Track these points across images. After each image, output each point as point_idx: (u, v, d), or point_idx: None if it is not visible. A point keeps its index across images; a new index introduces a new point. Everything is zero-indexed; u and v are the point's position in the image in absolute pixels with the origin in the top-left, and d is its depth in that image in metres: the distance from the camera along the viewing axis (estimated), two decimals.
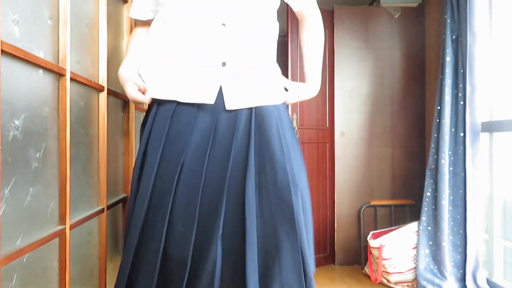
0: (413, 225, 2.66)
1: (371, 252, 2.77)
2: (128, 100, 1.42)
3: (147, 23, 1.20)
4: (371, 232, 2.85)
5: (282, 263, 0.92)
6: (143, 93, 1.08)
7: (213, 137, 0.99)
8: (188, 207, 0.95)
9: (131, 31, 1.43)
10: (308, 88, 1.24)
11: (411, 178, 3.14)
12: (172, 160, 0.97)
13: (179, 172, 0.96)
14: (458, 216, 2.41)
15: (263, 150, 0.99)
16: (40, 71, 0.83)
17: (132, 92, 1.09)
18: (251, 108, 1.03)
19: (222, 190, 0.95)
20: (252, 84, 1.05)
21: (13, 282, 0.72)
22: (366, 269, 2.90)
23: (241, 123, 1.01)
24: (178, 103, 1.02)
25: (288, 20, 2.85)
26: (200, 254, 0.94)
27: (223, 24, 1.01)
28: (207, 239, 0.94)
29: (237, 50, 1.04)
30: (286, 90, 1.19)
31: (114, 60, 1.34)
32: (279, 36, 1.19)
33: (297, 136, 1.13)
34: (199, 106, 1.01)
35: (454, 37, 2.45)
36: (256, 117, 1.02)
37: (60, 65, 0.91)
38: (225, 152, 0.98)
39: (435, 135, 2.55)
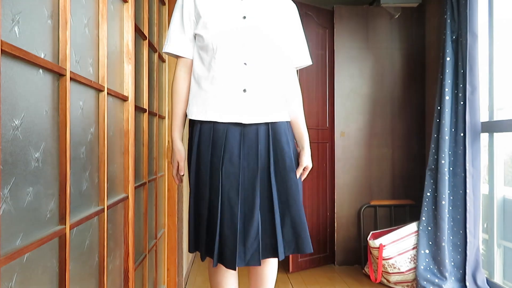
0: (413, 225, 2.66)
1: (371, 252, 2.77)
2: (128, 99, 1.42)
3: (189, 68, 1.51)
4: (371, 232, 2.85)
5: (291, 211, 1.44)
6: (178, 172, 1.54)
7: (242, 142, 1.42)
8: (231, 189, 1.40)
9: (131, 31, 1.43)
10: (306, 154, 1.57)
11: (411, 178, 3.14)
12: (216, 159, 1.41)
13: (221, 164, 1.40)
14: (458, 216, 2.41)
15: (277, 149, 1.45)
16: (40, 71, 0.83)
17: (175, 172, 1.55)
18: (267, 123, 1.45)
19: (255, 176, 1.41)
20: (265, 105, 1.46)
21: (13, 282, 0.72)
22: (366, 269, 2.90)
23: (261, 132, 1.44)
24: (215, 122, 1.43)
25: None
26: (247, 219, 1.40)
27: (245, 64, 1.43)
28: (250, 209, 1.40)
29: (255, 81, 1.44)
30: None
31: (114, 60, 1.34)
32: None
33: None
34: (229, 123, 1.43)
35: (454, 37, 2.46)
36: (271, 129, 1.45)
37: (60, 65, 0.91)
38: (253, 152, 1.42)
39: (435, 135, 2.55)
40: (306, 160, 1.54)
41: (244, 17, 1.43)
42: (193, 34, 1.48)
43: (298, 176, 1.50)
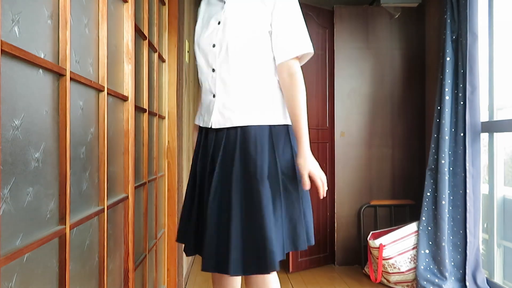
0: (413, 225, 2.66)
1: (371, 252, 2.77)
2: (128, 99, 1.42)
3: None
4: (371, 232, 2.85)
5: (253, 224, 1.33)
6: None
7: (213, 147, 1.43)
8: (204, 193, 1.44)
9: (131, 31, 1.43)
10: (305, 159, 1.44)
11: (411, 178, 3.14)
12: (204, 160, 1.47)
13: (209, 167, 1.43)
14: (458, 216, 2.41)
15: (244, 154, 1.37)
16: (40, 71, 0.83)
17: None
18: (236, 127, 1.39)
19: (220, 183, 1.38)
20: (235, 109, 1.41)
21: (13, 282, 0.72)
22: (366, 269, 2.90)
23: (230, 137, 1.40)
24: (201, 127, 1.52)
25: None
26: (221, 227, 1.35)
27: (213, 70, 1.44)
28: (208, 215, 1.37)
29: (223, 86, 1.43)
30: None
31: (114, 60, 1.34)
32: None
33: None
34: (206, 127, 1.47)
35: (454, 37, 2.45)
36: (240, 134, 1.38)
37: (60, 65, 0.91)
38: (221, 156, 1.39)
39: (435, 135, 2.55)
40: (302, 165, 1.36)
41: (219, 23, 1.43)
42: None
43: (306, 187, 1.36)
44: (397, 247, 2.63)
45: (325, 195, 1.38)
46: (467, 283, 2.33)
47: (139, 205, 1.66)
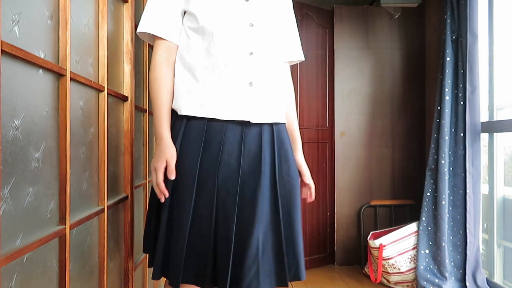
0: (413, 225, 2.66)
1: (371, 252, 2.77)
2: (127, 99, 1.42)
3: (172, 54, 1.23)
4: (371, 232, 2.85)
5: (294, 228, 1.22)
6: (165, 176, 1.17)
7: (244, 144, 1.19)
8: (227, 197, 1.15)
9: (131, 31, 1.43)
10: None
11: (411, 178, 3.14)
12: (209, 162, 1.16)
13: (218, 168, 1.16)
14: (458, 216, 2.41)
15: (281, 154, 1.24)
16: (40, 71, 0.83)
17: (160, 178, 1.15)
18: (271, 124, 1.24)
19: (257, 184, 1.17)
20: (271, 103, 1.26)
21: (13, 282, 0.72)
22: (366, 269, 2.90)
23: (265, 133, 1.22)
24: (209, 119, 1.18)
25: None
26: (244, 236, 1.13)
27: (251, 53, 1.21)
28: (249, 224, 1.14)
29: (261, 74, 1.24)
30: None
31: (114, 60, 1.34)
32: None
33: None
34: (230, 120, 1.19)
35: (454, 37, 2.45)
36: (276, 130, 1.25)
37: (60, 65, 0.91)
38: (255, 155, 1.20)
39: (435, 135, 2.55)
40: (304, 162, 1.37)
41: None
42: (181, 12, 1.23)
43: (309, 195, 1.34)
44: (397, 247, 2.63)
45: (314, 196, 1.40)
46: (467, 283, 2.33)
47: (139, 205, 1.66)
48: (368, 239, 2.78)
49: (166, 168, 1.15)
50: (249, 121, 1.20)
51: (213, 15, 1.18)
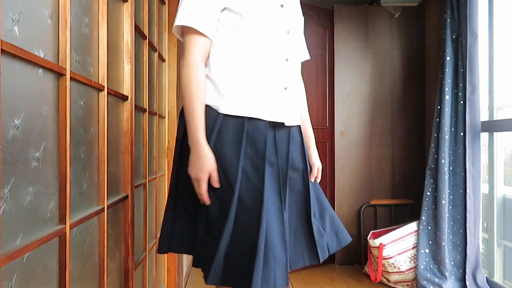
0: (413, 224, 2.66)
1: (371, 252, 2.77)
2: (127, 99, 1.42)
3: (207, 51, 1.20)
4: (371, 232, 2.85)
5: (327, 207, 1.37)
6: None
7: (277, 144, 1.23)
8: (273, 194, 1.18)
9: (131, 30, 1.43)
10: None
11: (411, 177, 3.14)
12: (255, 160, 1.18)
13: (264, 166, 1.17)
14: (458, 216, 2.41)
15: (305, 153, 1.34)
16: (40, 70, 0.83)
17: (204, 189, 1.14)
18: (298, 125, 1.33)
19: (288, 180, 1.25)
20: (297, 106, 1.36)
21: (13, 282, 0.72)
22: (366, 269, 2.90)
23: (294, 134, 1.30)
24: (249, 118, 1.18)
25: None
26: (291, 226, 1.25)
27: (287, 59, 1.26)
28: (292, 216, 1.27)
29: (293, 79, 1.31)
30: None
31: (114, 60, 1.34)
32: None
33: None
34: (269, 121, 1.22)
35: (454, 37, 2.45)
36: (299, 132, 1.33)
37: (60, 64, 0.91)
38: (285, 155, 1.26)
39: (435, 135, 2.55)
40: (318, 160, 1.46)
41: (282, 6, 1.25)
42: (220, 10, 1.19)
43: (313, 179, 1.38)
44: (397, 246, 2.63)
45: None
46: (467, 283, 2.33)
47: (139, 205, 1.66)
48: (368, 238, 2.78)
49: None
50: (283, 123, 1.24)
51: (257, 18, 1.19)
